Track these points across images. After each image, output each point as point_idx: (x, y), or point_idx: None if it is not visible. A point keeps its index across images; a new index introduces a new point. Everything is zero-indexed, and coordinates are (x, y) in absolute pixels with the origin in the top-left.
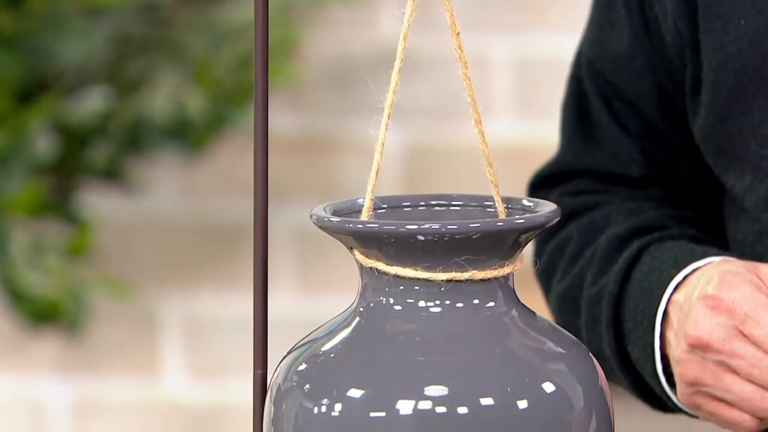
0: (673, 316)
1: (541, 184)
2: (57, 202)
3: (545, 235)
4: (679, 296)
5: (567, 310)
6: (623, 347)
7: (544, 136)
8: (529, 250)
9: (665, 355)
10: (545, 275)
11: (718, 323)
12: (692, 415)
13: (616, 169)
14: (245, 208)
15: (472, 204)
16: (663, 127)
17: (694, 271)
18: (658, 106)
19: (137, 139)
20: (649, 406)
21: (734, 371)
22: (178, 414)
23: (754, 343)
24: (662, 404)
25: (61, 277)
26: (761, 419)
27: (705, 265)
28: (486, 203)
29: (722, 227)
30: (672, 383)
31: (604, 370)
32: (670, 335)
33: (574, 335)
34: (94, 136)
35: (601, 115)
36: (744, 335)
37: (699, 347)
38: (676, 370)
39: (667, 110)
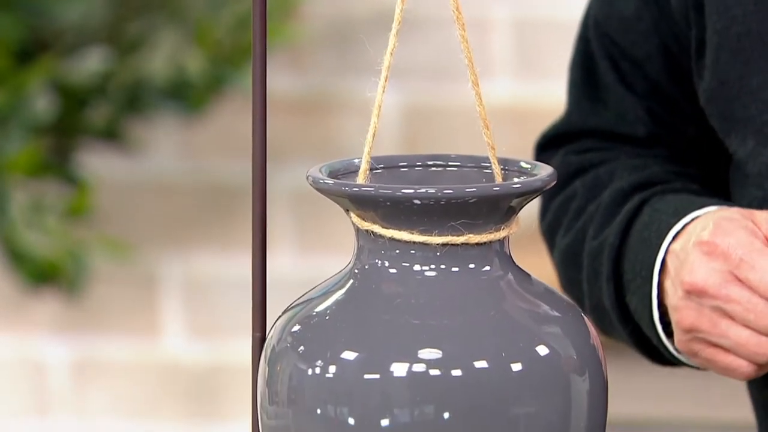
0: (671, 264)
1: (548, 145)
2: (56, 162)
3: (551, 192)
4: (676, 245)
5: (570, 265)
6: (622, 298)
7: (543, 97)
8: (526, 212)
9: (662, 304)
10: (550, 232)
11: (713, 269)
12: (689, 366)
13: (622, 128)
14: (244, 169)
15: (469, 165)
16: (669, 87)
17: (692, 220)
18: (663, 67)
19: (136, 99)
20: (647, 358)
21: (730, 316)
22: (177, 374)
23: (750, 288)
24: (660, 356)
25: (60, 238)
26: (758, 365)
27: (703, 214)
28: (483, 164)
29: (727, 192)
30: (669, 333)
31: (604, 324)
32: (668, 284)
33: (576, 290)
34: (94, 97)
35: (607, 76)
36: (739, 280)
37: (695, 293)
38: (673, 317)
39: (673, 71)
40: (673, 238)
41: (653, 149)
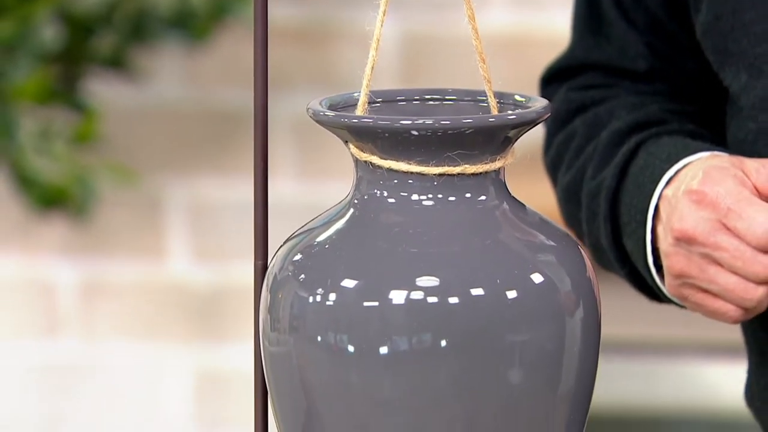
0: (663, 210)
1: (552, 79)
2: (63, 90)
3: (553, 128)
4: (669, 191)
5: (570, 202)
6: (619, 240)
7: (538, 28)
8: (521, 144)
9: (656, 248)
10: (552, 167)
11: (702, 217)
12: (681, 306)
13: (624, 63)
14: (246, 97)
15: (466, 98)
16: (668, 23)
17: (684, 166)
18: (663, 3)
19: (141, 28)
20: (644, 295)
21: (718, 263)
22: (181, 295)
23: (737, 236)
24: (654, 294)
25: (68, 163)
26: (744, 309)
27: (695, 160)
28: (479, 98)
29: (724, 125)
30: (662, 275)
31: (603, 261)
32: (660, 229)
33: (576, 226)
34: (100, 26)
35: (610, 11)
36: (727, 228)
37: (684, 240)
38: (664, 262)
39: (672, 6)
40: (666, 184)
41: (653, 84)
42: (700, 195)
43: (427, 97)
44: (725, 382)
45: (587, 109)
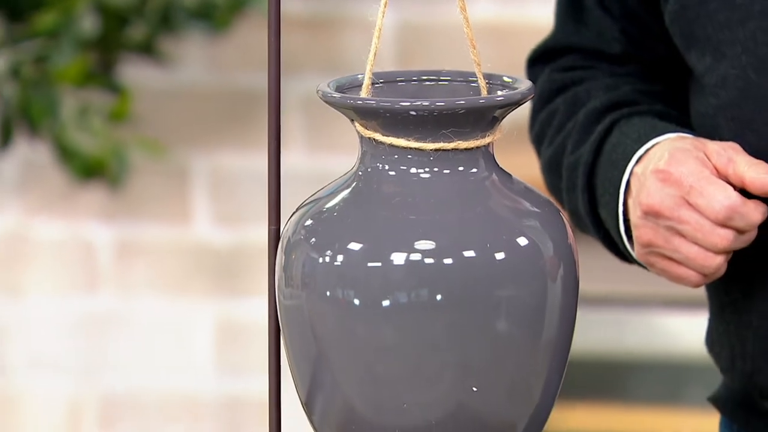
0: (633, 186)
1: (536, 60)
2: (100, 73)
3: (537, 106)
4: (638, 168)
5: (552, 174)
6: (595, 209)
7: (522, 17)
8: (507, 121)
9: (627, 218)
10: (537, 142)
11: (667, 194)
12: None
13: (600, 46)
14: (262, 79)
15: (459, 80)
16: (640, 10)
17: (653, 146)
18: None
19: (169, 19)
20: (616, 256)
21: (681, 235)
22: (204, 255)
23: (698, 211)
24: (625, 256)
25: (104, 138)
26: (704, 275)
27: (663, 141)
28: (470, 79)
29: (688, 101)
30: (633, 242)
31: (581, 225)
32: (630, 202)
33: (558, 195)
34: (132, 17)
35: (588, 0)
36: (689, 204)
37: (651, 214)
38: (634, 233)
39: None
40: (636, 162)
41: (626, 66)
42: (666, 174)
43: (423, 78)
44: (685, 331)
45: (568, 89)
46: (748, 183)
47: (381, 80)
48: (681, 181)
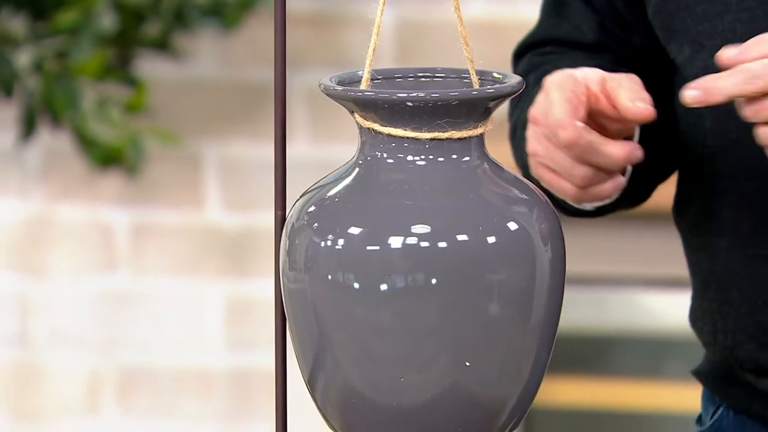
0: None
1: (520, 54)
2: (118, 68)
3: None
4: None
5: (512, 140)
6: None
7: (509, 16)
8: (497, 113)
9: None
10: (509, 118)
11: (541, 101)
12: (583, 215)
13: (577, 36)
14: (269, 73)
15: (452, 76)
16: (621, 4)
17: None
18: None
19: (183, 17)
20: (561, 212)
21: (554, 143)
22: (215, 237)
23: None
24: (562, 207)
25: (122, 128)
26: (578, 187)
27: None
28: (463, 75)
29: (669, 94)
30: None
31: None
32: None
33: (518, 161)
34: (148, 15)
35: None
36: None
37: (533, 122)
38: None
39: None
40: None
41: (601, 55)
42: (546, 85)
43: (420, 74)
44: (664, 309)
45: (539, 67)
46: (620, 108)
47: (380, 76)
48: (548, 90)
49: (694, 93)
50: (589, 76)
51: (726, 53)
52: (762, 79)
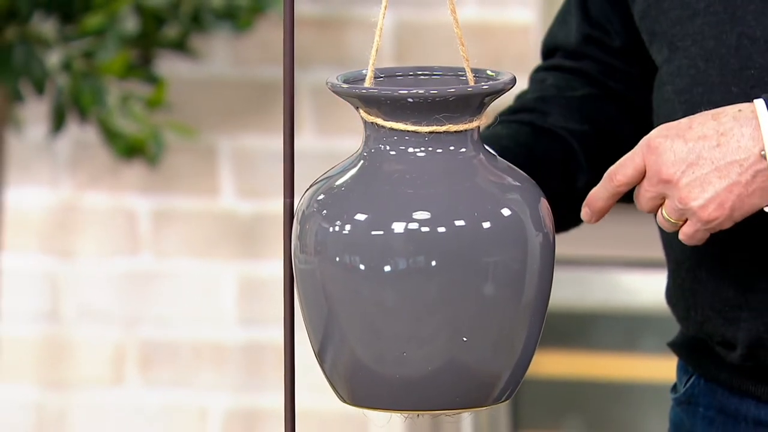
0: None
1: (546, 54)
2: (140, 66)
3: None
4: None
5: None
6: None
7: (501, 19)
8: (491, 108)
9: None
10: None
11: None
12: None
13: (568, 44)
14: (279, 72)
15: (449, 74)
16: (609, 12)
17: None
18: None
19: (199, 20)
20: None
21: None
22: (229, 222)
23: None
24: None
25: (144, 122)
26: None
27: None
28: (459, 73)
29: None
30: None
31: None
32: None
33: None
34: (168, 18)
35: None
36: None
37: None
38: None
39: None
40: None
41: (582, 61)
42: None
43: (419, 72)
44: (641, 288)
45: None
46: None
47: (382, 74)
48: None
49: (584, 211)
50: None
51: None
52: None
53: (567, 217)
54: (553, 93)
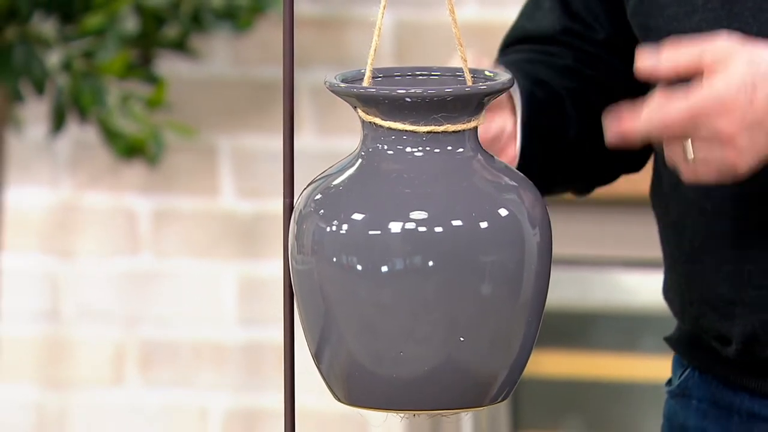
0: None
1: (505, 48)
2: (140, 66)
3: None
4: None
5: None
6: None
7: (499, 20)
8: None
9: None
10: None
11: None
12: None
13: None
14: (278, 71)
15: (447, 74)
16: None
17: None
18: None
19: (199, 20)
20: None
21: None
22: (229, 222)
23: None
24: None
25: (144, 122)
26: None
27: None
28: (457, 73)
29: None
30: None
31: None
32: None
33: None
34: (167, 18)
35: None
36: None
37: None
38: None
39: None
40: None
41: (557, 47)
42: None
43: (417, 72)
44: (640, 288)
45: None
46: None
47: (380, 74)
48: None
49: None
50: None
51: (642, 65)
52: (670, 129)
53: (559, 169)
54: (534, 58)
